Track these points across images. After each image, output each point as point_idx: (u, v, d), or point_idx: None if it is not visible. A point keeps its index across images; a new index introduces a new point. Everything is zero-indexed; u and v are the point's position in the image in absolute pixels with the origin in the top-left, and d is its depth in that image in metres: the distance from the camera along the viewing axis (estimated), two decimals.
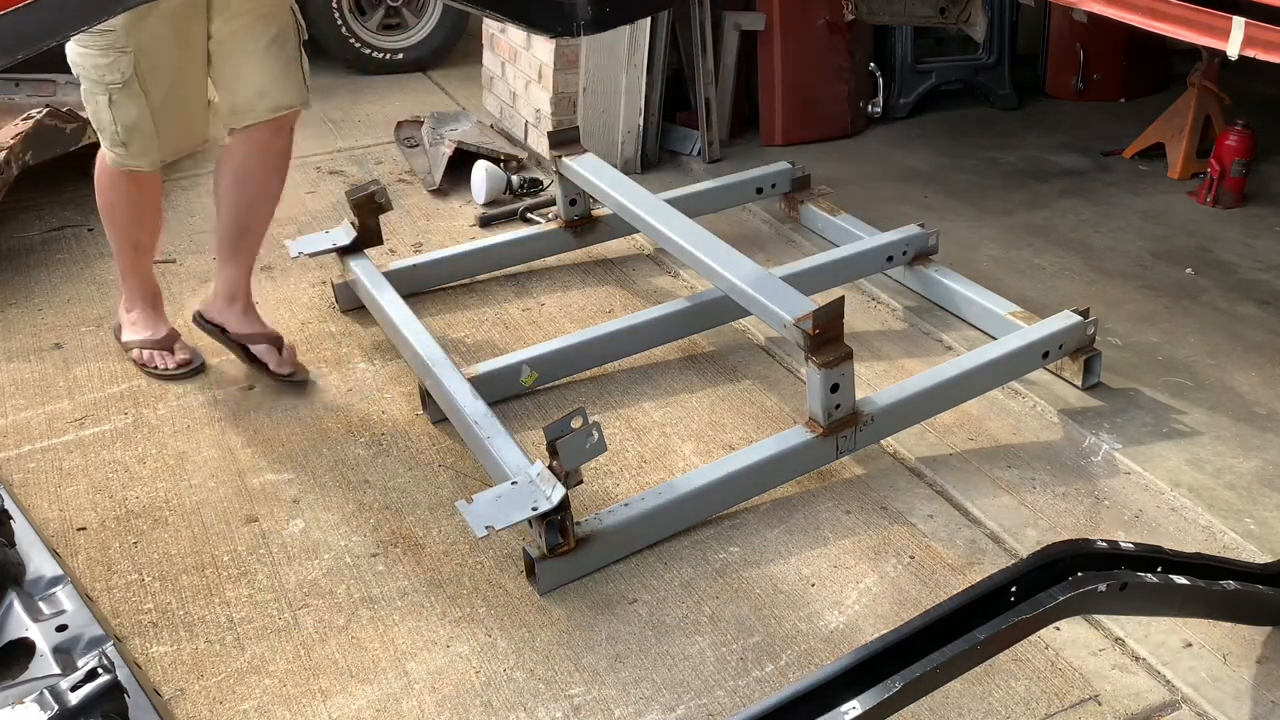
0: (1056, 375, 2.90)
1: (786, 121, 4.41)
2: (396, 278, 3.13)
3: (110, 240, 2.93)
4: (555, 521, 2.20)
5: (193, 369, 2.95)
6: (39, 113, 3.60)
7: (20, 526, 2.10)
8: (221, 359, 2.98)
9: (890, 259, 3.24)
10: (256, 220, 2.91)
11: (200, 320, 2.94)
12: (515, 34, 4.27)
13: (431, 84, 5.16)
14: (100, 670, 1.60)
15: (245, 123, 2.76)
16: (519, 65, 4.31)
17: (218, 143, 2.90)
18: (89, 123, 3.70)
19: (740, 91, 4.47)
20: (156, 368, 2.94)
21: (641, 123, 4.09)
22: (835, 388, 2.43)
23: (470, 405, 2.53)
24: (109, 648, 1.77)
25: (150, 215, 2.89)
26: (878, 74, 4.70)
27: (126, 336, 3.01)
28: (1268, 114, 4.50)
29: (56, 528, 2.41)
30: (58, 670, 1.76)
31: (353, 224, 3.16)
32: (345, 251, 3.17)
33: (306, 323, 3.20)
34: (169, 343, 2.96)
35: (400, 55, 5.27)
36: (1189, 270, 3.51)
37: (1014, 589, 1.67)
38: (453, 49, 5.35)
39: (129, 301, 3.00)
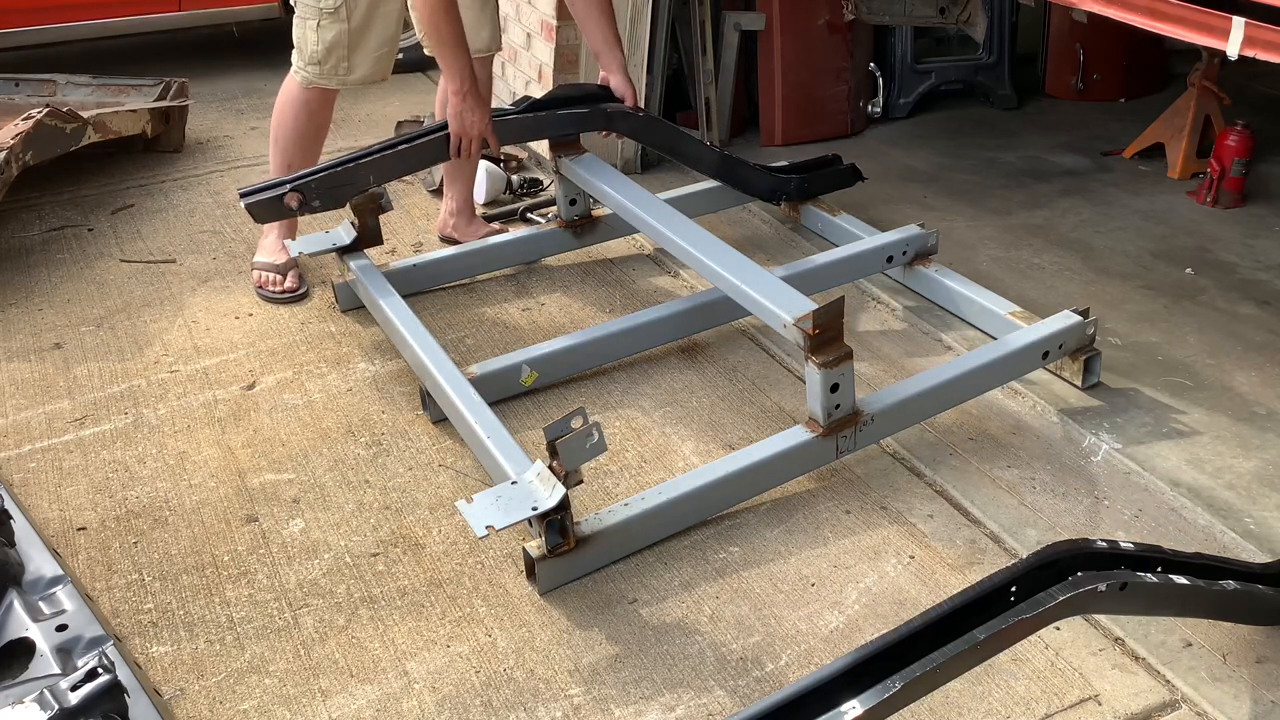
0: (1056, 375, 2.90)
1: (786, 121, 4.42)
2: (396, 278, 3.13)
3: (271, 158, 3.32)
4: (555, 521, 2.20)
5: (298, 295, 3.32)
6: (39, 113, 3.60)
7: (20, 526, 2.10)
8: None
9: (890, 259, 3.24)
10: None
11: (442, 238, 3.64)
12: (514, 34, 4.27)
13: (431, 84, 5.15)
14: (100, 670, 1.60)
15: None
16: (519, 65, 4.31)
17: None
18: (89, 122, 3.76)
19: (740, 91, 4.48)
20: (269, 290, 3.32)
21: None
22: (835, 388, 2.43)
23: (470, 405, 2.53)
24: (109, 648, 1.76)
25: (311, 142, 3.30)
26: (878, 74, 4.70)
27: (255, 258, 3.41)
28: (1268, 114, 4.50)
29: (56, 528, 2.41)
30: (58, 670, 1.76)
31: (353, 224, 3.16)
32: (345, 251, 3.17)
33: (306, 322, 3.20)
34: (285, 269, 3.34)
35: (400, 55, 5.24)
36: (1189, 270, 3.51)
37: (1014, 589, 1.67)
38: None
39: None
